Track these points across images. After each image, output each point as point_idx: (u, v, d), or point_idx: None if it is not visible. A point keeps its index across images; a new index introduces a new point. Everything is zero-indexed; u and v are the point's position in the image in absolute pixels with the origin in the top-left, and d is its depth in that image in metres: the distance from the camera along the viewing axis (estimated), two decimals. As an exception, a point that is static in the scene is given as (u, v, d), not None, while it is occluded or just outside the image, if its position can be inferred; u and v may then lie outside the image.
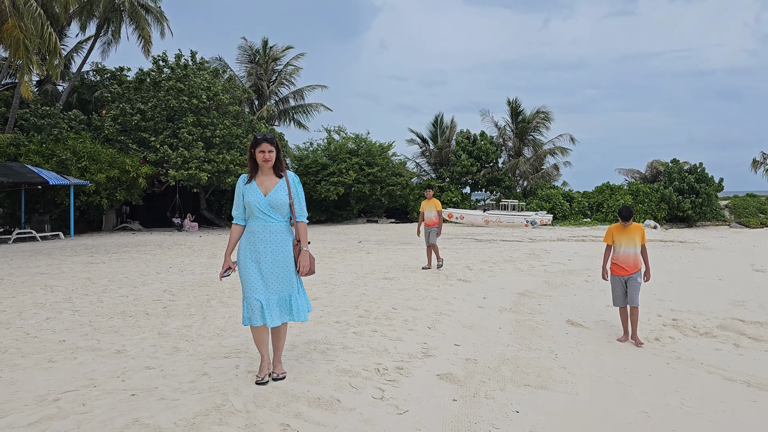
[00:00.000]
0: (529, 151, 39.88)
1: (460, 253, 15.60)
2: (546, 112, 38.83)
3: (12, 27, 14.88)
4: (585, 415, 4.65)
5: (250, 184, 4.66)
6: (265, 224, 4.60)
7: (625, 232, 7.01)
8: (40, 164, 22.25)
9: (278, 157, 4.69)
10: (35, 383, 4.64)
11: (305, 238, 4.73)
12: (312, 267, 4.76)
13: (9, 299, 8.46)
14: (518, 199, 36.34)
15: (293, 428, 3.80)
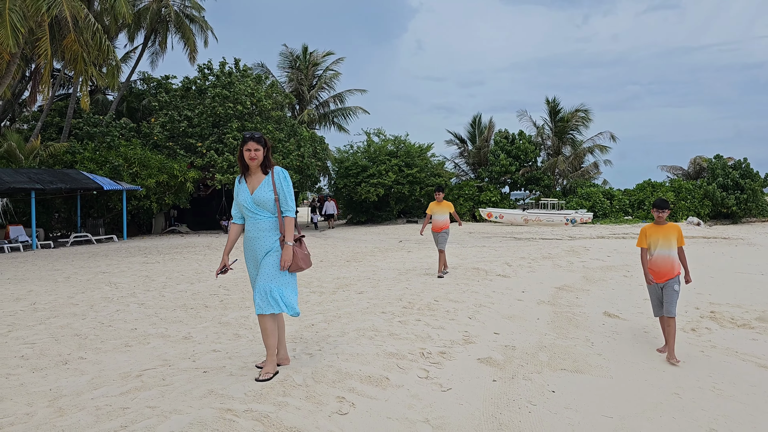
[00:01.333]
0: (568, 150, 39.72)
1: (499, 251, 15.88)
2: (585, 110, 38.63)
3: (72, 42, 15.83)
4: (617, 395, 4.97)
5: (241, 183, 4.77)
6: (254, 222, 4.68)
7: (659, 231, 6.19)
8: (94, 171, 23.34)
9: (266, 155, 4.71)
10: (117, 363, 5.21)
11: (290, 233, 4.67)
12: (300, 263, 4.72)
13: (79, 294, 9.17)
14: (558, 198, 36.25)
15: (348, 400, 4.24)
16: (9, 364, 5.27)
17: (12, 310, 7.92)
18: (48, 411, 4.01)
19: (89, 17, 16.32)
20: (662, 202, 6.13)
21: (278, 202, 4.68)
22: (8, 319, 7.31)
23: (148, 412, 3.83)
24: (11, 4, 14.68)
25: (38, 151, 23.75)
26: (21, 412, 4.01)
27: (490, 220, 33.61)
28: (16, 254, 17.58)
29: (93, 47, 16.60)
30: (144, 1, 30.44)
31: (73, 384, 4.64)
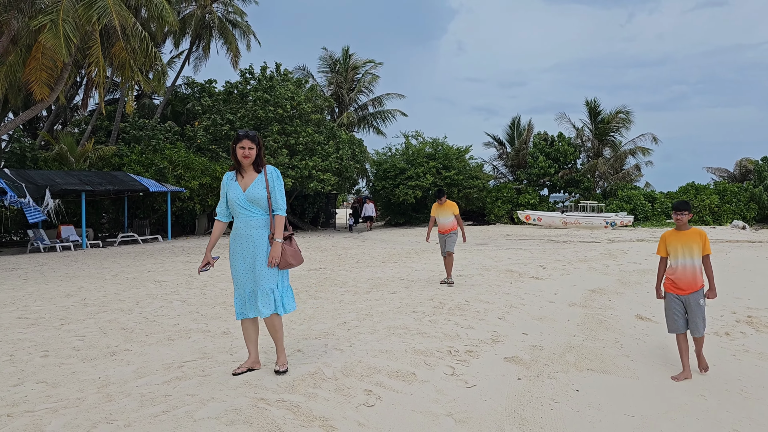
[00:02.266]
0: (609, 152, 39.18)
1: (534, 254, 15.88)
2: (626, 112, 38.06)
3: (120, 49, 16.50)
4: (642, 395, 5.05)
5: (233, 180, 4.77)
6: (245, 219, 4.69)
7: (679, 238, 5.60)
8: (140, 173, 24.15)
9: (259, 153, 4.75)
10: (160, 355, 5.54)
11: (280, 230, 4.70)
12: (289, 260, 4.74)
13: (126, 291, 9.63)
14: (597, 201, 35.81)
15: (375, 393, 4.45)
16: (62, 354, 5.65)
17: (64, 305, 8.39)
18: (97, 397, 4.34)
19: (137, 25, 16.98)
20: (681, 204, 5.56)
21: (270, 200, 4.72)
22: (61, 314, 7.76)
23: (187, 399, 4.11)
24: (65, 15, 15.40)
25: (88, 154, 24.69)
26: (73, 397, 4.35)
27: (528, 222, 33.43)
28: (67, 253, 18.36)
29: (140, 54, 17.25)
30: (189, 8, 31.30)
31: (120, 373, 4.97)
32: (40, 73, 16.40)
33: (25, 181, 18.66)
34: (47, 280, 11.45)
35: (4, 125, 19.54)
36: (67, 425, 3.75)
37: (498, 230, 30.43)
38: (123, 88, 25.94)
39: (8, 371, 5.10)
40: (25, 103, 25.97)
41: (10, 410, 4.10)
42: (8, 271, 13.11)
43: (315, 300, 8.67)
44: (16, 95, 21.56)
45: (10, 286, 10.66)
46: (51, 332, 6.64)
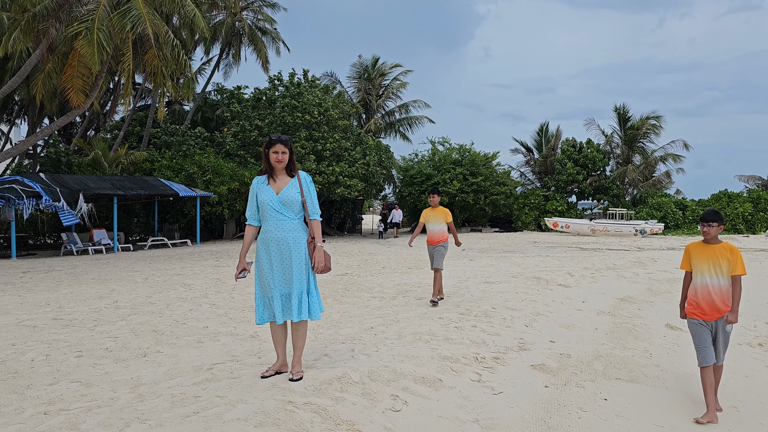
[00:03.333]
0: (639, 159, 38.68)
1: (562, 261, 15.75)
2: (656, 118, 37.57)
3: (152, 57, 16.84)
4: (672, 405, 4.99)
5: (264, 184, 4.78)
6: (277, 222, 4.68)
7: (707, 253, 4.72)
8: (170, 178, 24.54)
9: (291, 158, 4.78)
10: (191, 357, 5.64)
11: (319, 235, 4.73)
12: (327, 264, 4.77)
13: (156, 294, 9.81)
14: (627, 208, 35.36)
15: (401, 398, 4.47)
16: (95, 354, 5.79)
17: (97, 307, 8.57)
18: (129, 397, 4.44)
19: (169, 33, 17.31)
20: (710, 214, 4.75)
21: (305, 205, 4.74)
22: (94, 315, 7.93)
23: (217, 401, 4.18)
24: (100, 23, 15.77)
25: (121, 159, 25.19)
26: (106, 397, 4.45)
27: (555, 229, 33.15)
28: (99, 256, 18.73)
29: (172, 61, 17.59)
30: (219, 16, 31.77)
31: (151, 374, 5.08)
32: (75, 81, 16.81)
33: (59, 185, 19.11)
34: (80, 282, 11.70)
35: (41, 131, 20.06)
36: (101, 424, 3.84)
37: (525, 237, 30.23)
38: (154, 95, 26.44)
39: (44, 370, 5.24)
40: (61, 109, 26.60)
41: (46, 408, 4.22)
42: (43, 273, 13.43)
43: (341, 305, 8.73)
44: (51, 101, 22.11)
45: (44, 287, 10.92)
46: (85, 333, 6.80)
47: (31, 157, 31.89)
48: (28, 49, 18.10)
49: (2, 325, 7.31)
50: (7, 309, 8.49)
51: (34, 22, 16.26)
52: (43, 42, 16.51)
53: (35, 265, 15.78)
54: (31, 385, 4.80)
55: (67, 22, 16.64)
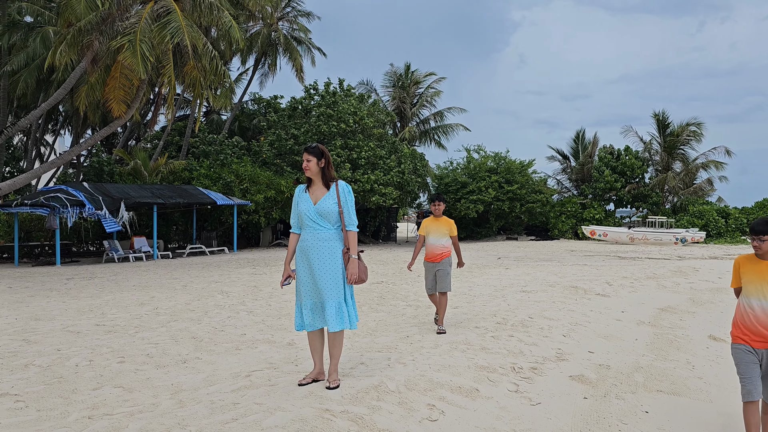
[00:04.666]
0: (679, 166, 37.87)
1: (600, 270, 15.49)
2: (697, 124, 36.74)
3: (191, 68, 17.23)
4: (715, 419, 4.86)
5: (304, 193, 4.85)
6: (314, 232, 4.72)
7: (761, 271, 3.96)
8: (208, 186, 24.97)
9: (324, 167, 4.80)
10: (229, 364, 5.72)
11: (354, 246, 4.76)
12: (362, 275, 4.78)
13: (195, 301, 9.98)
14: (667, 216, 34.63)
15: (438, 408, 4.45)
16: (137, 360, 5.91)
17: (138, 314, 8.76)
18: (170, 402, 4.52)
19: (207, 44, 17.68)
20: (761, 224, 3.90)
21: (342, 215, 4.75)
22: (135, 322, 8.11)
23: (255, 408, 4.23)
24: (142, 35, 16.21)
25: (160, 168, 25.75)
26: (148, 402, 4.54)
27: (593, 238, 32.63)
28: (140, 263, 19.14)
29: (210, 72, 17.96)
30: (256, 27, 32.31)
31: (191, 380, 5.16)
32: (117, 92, 17.29)
33: (102, 194, 19.61)
34: (122, 289, 11.97)
35: (84, 141, 20.63)
36: (143, 429, 3.92)
37: (562, 245, 29.84)
38: (193, 105, 27.00)
39: (88, 375, 5.37)
40: (103, 120, 27.33)
41: (90, 413, 4.33)
42: (86, 280, 13.78)
43: (377, 313, 8.74)
44: (94, 112, 22.75)
45: (87, 294, 11.21)
46: (126, 339, 6.95)
47: (75, 167, 32.85)
48: (72, 61, 18.65)
49: (48, 330, 7.53)
50: (53, 315, 8.74)
51: (79, 35, 16.78)
52: (87, 55, 17.02)
53: (78, 271, 16.21)
54: (75, 390, 4.92)
55: (110, 35, 17.13)
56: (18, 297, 10.94)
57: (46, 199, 18.31)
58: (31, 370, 5.59)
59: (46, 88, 26.59)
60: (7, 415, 4.32)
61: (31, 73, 24.98)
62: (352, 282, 4.73)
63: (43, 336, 7.18)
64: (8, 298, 10.73)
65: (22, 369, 5.62)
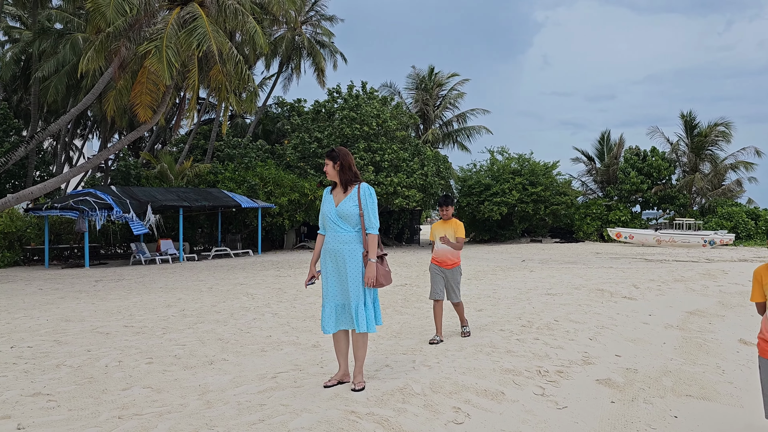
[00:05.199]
0: (707, 167, 37.25)
1: (627, 272, 15.30)
2: (726, 124, 36.12)
3: (217, 72, 17.44)
4: (747, 425, 4.77)
5: (328, 195, 4.92)
6: (336, 234, 4.76)
7: None
8: (233, 189, 25.22)
9: (341, 170, 4.82)
10: (255, 366, 5.77)
11: (374, 249, 4.74)
12: (381, 279, 4.77)
13: (221, 303, 10.08)
14: (695, 218, 34.08)
15: (464, 411, 4.44)
16: (165, 362, 6.00)
17: (165, 315, 8.88)
18: (198, 403, 4.58)
19: (232, 49, 17.87)
20: None
21: (363, 218, 4.75)
22: (162, 323, 8.22)
23: (281, 409, 4.27)
24: (168, 41, 16.45)
25: (186, 172, 26.07)
26: (176, 403, 4.61)
27: (619, 240, 32.24)
28: (166, 265, 19.39)
29: (235, 77, 18.15)
30: (280, 31, 32.56)
31: (218, 381, 5.22)
32: (144, 97, 17.55)
33: (129, 197, 19.92)
34: (149, 291, 12.14)
35: (112, 146, 20.98)
36: (172, 429, 3.97)
37: (587, 248, 29.54)
38: (219, 109, 27.30)
39: (118, 376, 5.46)
40: (130, 125, 27.76)
41: (120, 413, 4.40)
42: (114, 282, 14.00)
43: (401, 315, 8.75)
44: (122, 117, 23.12)
45: (116, 296, 11.39)
46: (154, 340, 7.05)
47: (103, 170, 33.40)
48: (101, 67, 19.00)
49: (78, 331, 7.67)
50: (83, 316, 8.90)
51: (107, 42, 17.08)
52: (115, 61, 17.32)
53: (107, 274, 16.48)
54: (105, 390, 5.01)
55: (137, 41, 17.41)
56: (49, 298, 11.16)
57: (76, 202, 18.65)
58: (62, 370, 5.71)
59: (75, 94, 27.11)
60: (40, 414, 4.42)
61: (60, 79, 25.50)
62: (369, 285, 4.71)
63: (73, 337, 7.32)
64: (39, 300, 10.95)
65: (54, 369, 5.74)
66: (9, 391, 4.98)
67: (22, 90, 33.19)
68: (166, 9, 18.46)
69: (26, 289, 13.03)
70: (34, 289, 12.97)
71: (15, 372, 5.65)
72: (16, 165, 25.23)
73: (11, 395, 4.87)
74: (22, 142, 22.72)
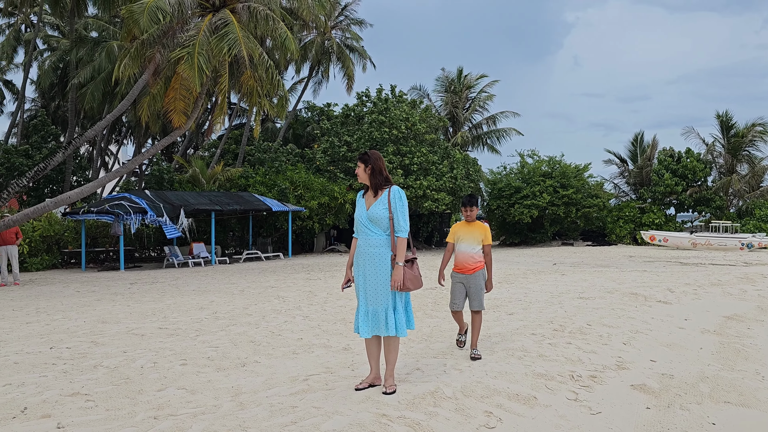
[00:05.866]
0: (744, 168, 36.38)
1: (661, 276, 15.03)
2: (764, 124, 35.24)
3: (248, 78, 17.65)
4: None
5: (361, 198, 4.95)
6: (366, 238, 4.78)
7: None
8: (264, 193, 25.47)
9: (372, 174, 4.84)
10: (286, 368, 5.82)
11: (402, 253, 4.72)
12: (408, 283, 4.74)
13: (253, 306, 10.19)
14: (732, 220, 33.30)
15: (495, 415, 4.41)
16: (198, 363, 6.08)
17: (198, 318, 9.01)
18: (231, 404, 4.63)
19: (263, 55, 18.08)
20: None
21: (392, 221, 4.75)
22: (195, 326, 8.34)
23: (314, 411, 4.29)
24: (200, 48, 16.71)
25: (218, 176, 26.42)
26: (210, 404, 4.67)
27: (652, 243, 31.67)
28: (198, 269, 19.66)
29: (266, 82, 18.35)
30: (309, 36, 32.83)
31: (250, 383, 5.28)
32: (177, 103, 17.85)
33: (162, 201, 20.26)
34: (182, 293, 12.33)
35: (146, 151, 21.36)
36: (206, 429, 4.03)
37: (620, 251, 29.09)
38: (250, 114, 27.63)
39: (153, 377, 5.56)
40: (163, 130, 28.25)
41: (156, 413, 4.48)
42: (148, 285, 14.25)
43: (432, 319, 8.73)
44: (155, 123, 23.54)
45: (150, 298, 11.59)
46: (188, 342, 7.16)
47: (137, 175, 34.03)
48: (135, 74, 19.38)
49: (114, 333, 7.83)
50: (118, 318, 9.08)
51: (142, 49, 17.42)
52: (149, 67, 17.65)
53: (141, 276, 16.78)
54: (141, 391, 5.10)
55: (171, 47, 17.72)
56: (85, 300, 11.42)
57: (111, 206, 19.04)
58: (99, 371, 5.83)
59: (111, 100, 27.70)
60: (78, 413, 4.52)
61: (96, 85, 26.10)
62: (395, 289, 4.69)
63: (109, 338, 7.47)
64: (76, 302, 11.21)
65: (92, 370, 5.86)
66: (49, 391, 5.11)
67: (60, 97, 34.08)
68: (199, 16, 18.75)
69: (64, 291, 13.34)
70: (71, 291, 13.27)
71: (54, 372, 5.79)
72: (54, 170, 25.88)
73: (51, 395, 4.99)
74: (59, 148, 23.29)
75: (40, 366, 6.06)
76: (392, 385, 4.77)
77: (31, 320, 9.07)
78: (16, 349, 6.93)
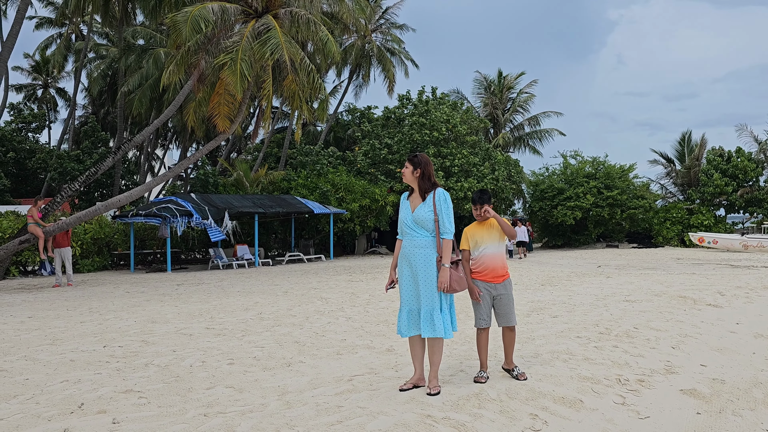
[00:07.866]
0: (800, 167, 35.09)
1: (711, 279, 14.63)
2: (820, 122, 33.93)
3: (290, 82, 17.91)
4: None
5: (405, 200, 4.99)
6: (411, 239, 4.83)
7: None
8: (306, 196, 25.75)
9: (420, 176, 4.87)
10: (331, 369, 5.89)
11: (447, 254, 4.75)
12: (454, 285, 4.78)
13: (296, 307, 10.33)
14: (785, 222, 32.18)
15: (541, 418, 4.38)
16: (245, 363, 6.21)
17: (243, 318, 9.18)
18: (278, 403, 4.72)
19: (305, 59, 18.31)
20: None
21: (437, 223, 4.79)
22: (241, 326, 8.51)
23: (359, 411, 4.34)
24: (243, 54, 17.03)
25: (261, 179, 26.84)
26: (257, 403, 4.77)
27: (701, 245, 30.81)
28: (242, 270, 20.00)
29: (307, 86, 18.58)
30: (350, 39, 33.07)
31: (296, 383, 5.36)
32: (222, 108, 18.24)
33: (207, 204, 20.69)
34: (227, 294, 12.57)
35: (192, 155, 21.85)
36: (255, 427, 4.12)
37: (667, 253, 28.40)
38: (292, 118, 27.99)
39: (201, 376, 5.70)
40: (207, 135, 28.85)
41: (205, 411, 4.60)
42: (194, 286, 14.57)
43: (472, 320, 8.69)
44: (200, 127, 24.08)
45: (197, 299, 11.86)
46: (234, 342, 7.31)
47: (183, 178, 34.82)
48: (181, 80, 19.87)
49: (164, 332, 8.05)
50: (167, 318, 9.32)
51: (187, 56, 17.85)
52: (194, 73, 18.07)
53: (187, 278, 17.16)
54: (191, 389, 5.24)
55: (215, 54, 18.11)
56: (135, 301, 11.75)
57: (158, 209, 19.54)
58: (150, 369, 6.01)
59: (158, 106, 28.44)
60: (132, 410, 4.67)
61: (144, 92, 26.84)
62: (442, 290, 4.73)
63: (159, 338, 7.69)
64: (127, 303, 11.55)
65: (143, 368, 6.05)
66: (104, 388, 5.29)
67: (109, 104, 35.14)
68: (242, 22, 19.10)
69: (115, 292, 13.76)
70: (122, 292, 13.68)
71: (108, 370, 5.99)
72: (104, 175, 26.71)
73: (106, 391, 5.17)
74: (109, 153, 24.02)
75: (94, 364, 6.27)
76: (436, 387, 4.78)
77: (85, 320, 9.39)
78: (72, 347, 7.19)
